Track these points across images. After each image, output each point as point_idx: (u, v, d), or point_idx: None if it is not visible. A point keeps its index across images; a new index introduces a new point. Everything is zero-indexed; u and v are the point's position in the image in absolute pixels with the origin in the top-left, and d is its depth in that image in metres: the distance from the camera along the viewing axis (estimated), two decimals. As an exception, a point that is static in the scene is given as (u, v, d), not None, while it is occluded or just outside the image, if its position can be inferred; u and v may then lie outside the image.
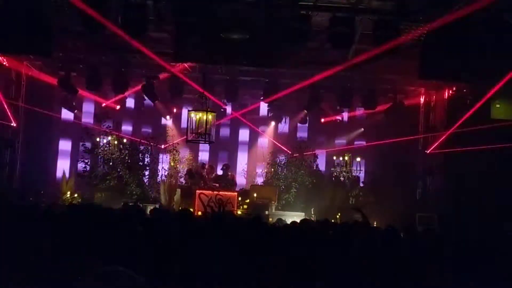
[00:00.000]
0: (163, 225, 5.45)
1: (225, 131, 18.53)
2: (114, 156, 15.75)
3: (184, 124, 15.50)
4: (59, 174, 17.05)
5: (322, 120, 17.28)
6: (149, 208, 11.62)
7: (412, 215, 14.62)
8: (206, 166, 15.90)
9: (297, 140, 17.44)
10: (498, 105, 13.68)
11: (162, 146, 16.94)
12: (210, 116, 13.14)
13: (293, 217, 12.33)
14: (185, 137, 14.16)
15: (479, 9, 11.22)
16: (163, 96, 16.70)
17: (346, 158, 16.08)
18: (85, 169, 16.20)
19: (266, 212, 13.94)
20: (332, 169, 16.72)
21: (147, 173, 16.47)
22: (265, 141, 18.08)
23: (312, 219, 12.85)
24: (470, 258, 5.43)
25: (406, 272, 3.86)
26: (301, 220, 8.04)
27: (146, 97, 16.79)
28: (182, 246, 4.33)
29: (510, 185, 13.00)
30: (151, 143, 16.55)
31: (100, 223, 5.02)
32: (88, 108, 17.87)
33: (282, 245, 4.62)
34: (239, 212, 13.89)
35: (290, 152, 16.70)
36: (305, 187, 15.96)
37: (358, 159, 16.05)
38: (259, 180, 17.06)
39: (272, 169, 16.51)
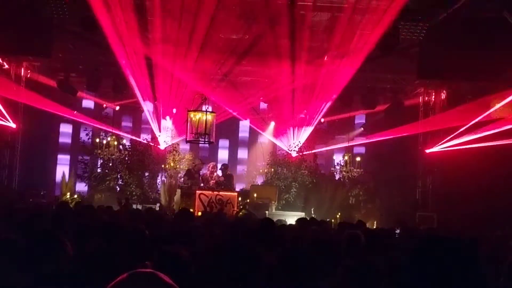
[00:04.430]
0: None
1: (225, 130, 18.50)
2: (113, 156, 15.73)
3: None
4: (58, 175, 17.04)
5: (322, 120, 17.25)
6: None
7: (412, 214, 14.66)
8: (210, 165, 15.77)
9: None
10: (497, 104, 13.69)
11: (162, 147, 16.90)
12: (209, 117, 13.12)
13: (293, 217, 12.32)
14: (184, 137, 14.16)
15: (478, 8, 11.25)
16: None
17: (346, 157, 16.08)
18: (84, 170, 16.18)
19: (266, 212, 13.93)
20: (332, 168, 16.72)
21: (147, 173, 16.44)
22: (265, 140, 18.04)
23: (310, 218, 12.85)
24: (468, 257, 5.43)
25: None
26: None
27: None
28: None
29: (510, 184, 13.01)
30: (151, 144, 16.54)
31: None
32: (88, 109, 17.83)
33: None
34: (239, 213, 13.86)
35: (290, 152, 16.69)
36: (305, 187, 15.95)
37: (358, 158, 16.05)
38: (259, 180, 17.03)
39: (272, 169, 16.48)
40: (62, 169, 17.04)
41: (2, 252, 3.46)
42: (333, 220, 13.10)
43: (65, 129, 17.93)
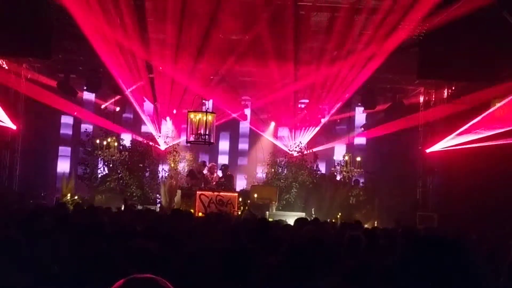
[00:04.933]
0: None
1: (225, 132, 18.49)
2: (114, 157, 15.72)
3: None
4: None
5: (322, 120, 17.26)
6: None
7: (413, 214, 14.66)
8: (209, 165, 15.80)
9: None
10: (497, 103, 13.68)
11: (162, 148, 16.91)
12: (210, 117, 13.12)
13: (294, 217, 12.31)
14: (185, 138, 14.17)
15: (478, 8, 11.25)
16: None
17: (346, 157, 16.08)
18: (85, 171, 16.17)
19: (267, 213, 13.93)
20: (332, 169, 16.72)
21: (147, 174, 16.44)
22: (265, 141, 18.03)
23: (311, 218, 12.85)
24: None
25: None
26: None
27: (145, 99, 16.81)
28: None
29: (510, 183, 13.00)
30: (151, 144, 16.55)
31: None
32: (88, 110, 17.81)
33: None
34: (239, 213, 13.87)
35: (290, 152, 16.70)
36: (306, 187, 15.95)
37: (358, 158, 16.05)
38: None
39: (273, 169, 16.48)
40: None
41: (3, 252, 3.46)
42: (333, 220, 13.10)
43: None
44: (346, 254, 4.86)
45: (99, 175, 15.99)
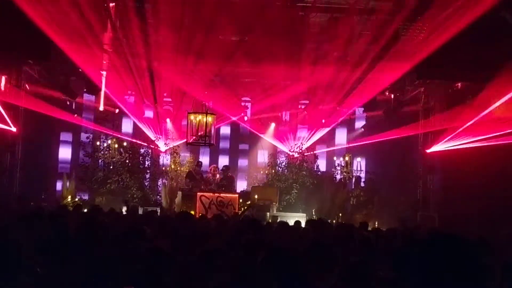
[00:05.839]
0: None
1: (225, 133, 18.50)
2: (114, 159, 15.72)
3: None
4: (59, 178, 17.01)
5: (323, 120, 17.27)
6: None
7: (414, 214, 14.66)
8: (210, 167, 15.85)
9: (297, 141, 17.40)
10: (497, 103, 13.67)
11: (163, 149, 16.92)
12: (210, 118, 13.13)
13: (295, 218, 12.31)
14: (185, 139, 14.19)
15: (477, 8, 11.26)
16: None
17: (347, 158, 16.09)
18: (85, 173, 16.16)
19: (268, 213, 13.94)
20: (332, 169, 16.72)
21: (148, 176, 16.44)
22: (265, 142, 18.05)
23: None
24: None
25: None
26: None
27: (145, 100, 16.81)
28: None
29: (511, 183, 12.99)
30: (152, 146, 16.55)
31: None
32: (88, 112, 17.81)
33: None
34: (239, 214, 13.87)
35: (290, 153, 16.72)
36: (306, 188, 15.96)
37: (359, 159, 16.05)
38: (260, 182, 17.04)
39: (273, 170, 16.50)
40: (63, 173, 17.00)
41: (3, 253, 3.47)
42: (334, 221, 13.11)
43: (66, 132, 17.90)
44: (354, 254, 4.85)
45: (100, 177, 15.98)
